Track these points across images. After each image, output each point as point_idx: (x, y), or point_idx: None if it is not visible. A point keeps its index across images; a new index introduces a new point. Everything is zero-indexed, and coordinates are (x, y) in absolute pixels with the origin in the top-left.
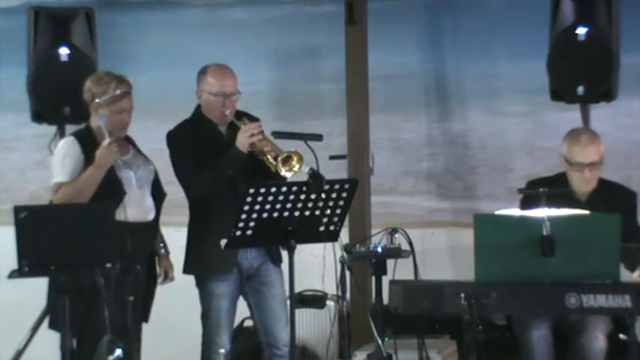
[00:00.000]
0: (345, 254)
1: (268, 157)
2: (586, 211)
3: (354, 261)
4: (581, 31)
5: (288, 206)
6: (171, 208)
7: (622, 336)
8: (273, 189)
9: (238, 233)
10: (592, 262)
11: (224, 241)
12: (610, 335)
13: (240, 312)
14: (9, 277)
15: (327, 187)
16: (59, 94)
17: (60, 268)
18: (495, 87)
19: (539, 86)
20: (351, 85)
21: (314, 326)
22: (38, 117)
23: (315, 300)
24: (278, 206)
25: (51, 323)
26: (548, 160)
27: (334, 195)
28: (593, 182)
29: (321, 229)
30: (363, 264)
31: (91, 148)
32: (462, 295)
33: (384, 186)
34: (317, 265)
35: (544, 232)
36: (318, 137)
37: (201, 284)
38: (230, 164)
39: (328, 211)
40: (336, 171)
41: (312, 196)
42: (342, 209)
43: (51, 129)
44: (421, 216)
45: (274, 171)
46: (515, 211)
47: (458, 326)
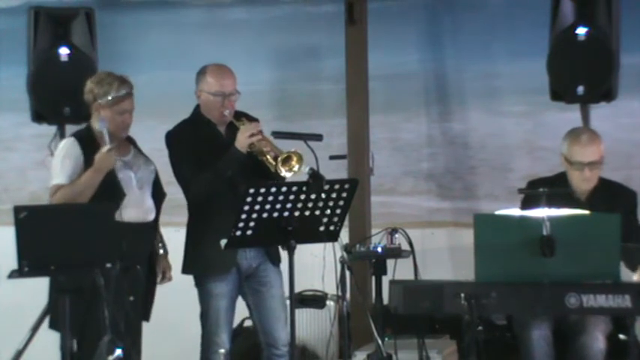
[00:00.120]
0: (345, 254)
1: (267, 157)
2: (586, 211)
3: (354, 261)
4: (581, 31)
5: (288, 206)
6: (171, 208)
7: (622, 336)
8: (273, 189)
9: (238, 233)
10: (592, 262)
11: (224, 241)
12: (610, 335)
13: (240, 312)
14: (9, 277)
15: (327, 187)
16: (59, 94)
17: (60, 268)
18: (495, 87)
19: (539, 86)
20: (351, 85)
21: (314, 326)
22: (38, 117)
23: (315, 300)
24: (278, 206)
25: (51, 323)
26: (548, 160)
27: (334, 195)
28: (593, 181)
29: (321, 229)
30: (363, 264)
31: (91, 148)
32: (462, 295)
33: (384, 186)
34: (317, 265)
35: (544, 232)
36: (318, 137)
37: (200, 284)
38: (229, 164)
39: (328, 211)
40: (336, 171)
41: (312, 196)
42: (342, 209)
43: (51, 129)
44: (421, 216)
45: (273, 171)
46: (515, 211)
47: (458, 326)
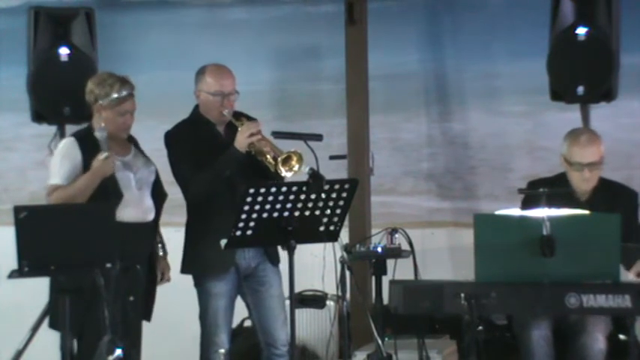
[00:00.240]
0: (345, 254)
1: (267, 157)
2: (586, 211)
3: (354, 261)
4: (581, 31)
5: (288, 206)
6: (171, 209)
7: (622, 336)
8: (273, 189)
9: (238, 233)
10: (592, 262)
11: (224, 241)
12: (610, 336)
13: (239, 312)
14: (9, 277)
15: (327, 187)
16: (59, 94)
17: (60, 268)
18: (495, 87)
19: (539, 86)
20: (351, 85)
21: (314, 326)
22: (38, 117)
23: (315, 300)
24: (278, 206)
25: (51, 323)
26: (548, 160)
27: (334, 195)
28: (593, 182)
29: (321, 229)
30: (363, 264)
31: (91, 148)
32: (462, 295)
33: (384, 186)
34: (317, 265)
35: (544, 232)
36: (318, 137)
37: (198, 284)
38: (228, 164)
39: (328, 211)
40: (336, 171)
41: (312, 196)
42: (342, 209)
43: (51, 129)
44: (421, 216)
45: (273, 171)
46: (516, 211)
47: (458, 326)
